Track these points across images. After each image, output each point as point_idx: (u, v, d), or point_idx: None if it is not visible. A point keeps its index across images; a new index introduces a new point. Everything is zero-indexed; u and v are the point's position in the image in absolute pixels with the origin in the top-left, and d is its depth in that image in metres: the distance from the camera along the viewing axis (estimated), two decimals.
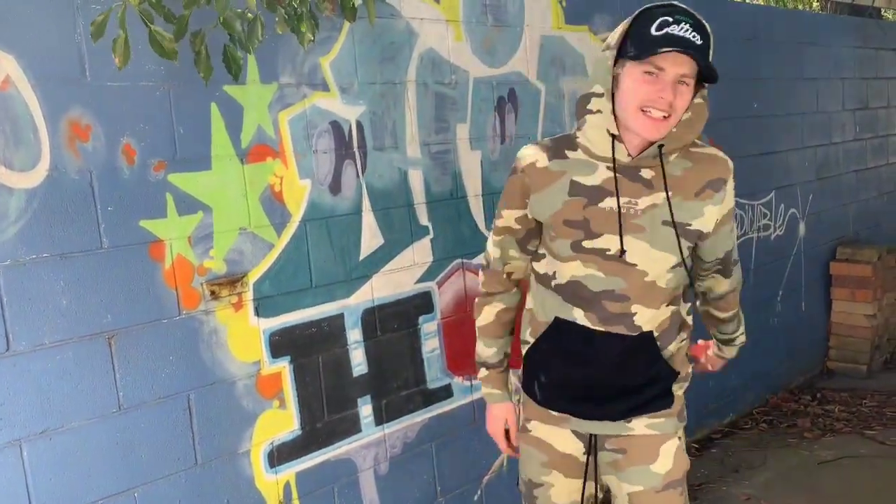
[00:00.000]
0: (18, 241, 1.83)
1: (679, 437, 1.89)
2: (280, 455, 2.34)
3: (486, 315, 1.94)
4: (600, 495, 1.98)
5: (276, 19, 2.05)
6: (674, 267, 1.73)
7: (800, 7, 6.44)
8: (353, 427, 2.52)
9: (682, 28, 1.54)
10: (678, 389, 1.88)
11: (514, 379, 2.02)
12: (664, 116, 1.59)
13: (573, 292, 1.75)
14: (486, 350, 1.95)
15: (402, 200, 2.62)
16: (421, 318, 2.70)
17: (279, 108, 2.30)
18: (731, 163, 1.78)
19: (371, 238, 2.54)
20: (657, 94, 1.57)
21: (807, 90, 4.67)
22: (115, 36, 1.78)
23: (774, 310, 4.48)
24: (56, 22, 1.88)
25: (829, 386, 4.65)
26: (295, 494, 2.38)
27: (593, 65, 1.70)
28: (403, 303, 2.65)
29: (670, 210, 1.68)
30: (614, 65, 1.62)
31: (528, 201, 1.76)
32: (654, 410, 1.83)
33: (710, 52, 1.60)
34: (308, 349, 2.40)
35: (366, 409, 2.55)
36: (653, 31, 1.55)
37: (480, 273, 1.96)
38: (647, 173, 1.69)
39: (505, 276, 1.91)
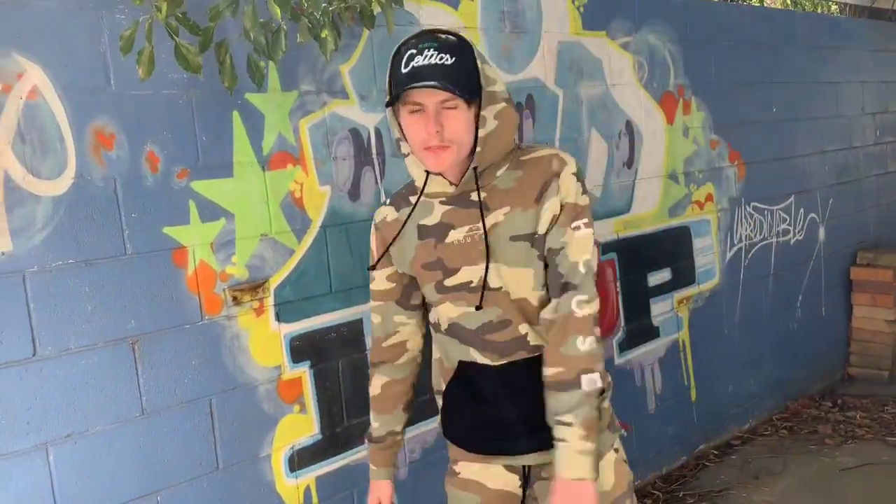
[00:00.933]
0: (45, 247, 1.87)
1: (616, 450, 1.79)
2: (300, 459, 2.36)
3: (374, 386, 1.88)
4: None
5: (299, 29, 2.07)
6: (540, 286, 1.64)
7: (819, 10, 6.40)
8: (359, 437, 2.52)
9: (426, 56, 1.51)
10: (602, 402, 1.71)
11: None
12: (441, 146, 1.55)
13: (457, 335, 1.69)
14: (372, 422, 1.91)
15: None
16: None
17: (300, 116, 2.33)
18: (562, 156, 1.65)
19: None
20: (426, 130, 1.54)
21: (826, 94, 4.64)
22: (140, 48, 1.81)
23: (794, 315, 4.45)
24: (82, 32, 1.92)
25: (851, 392, 4.60)
26: (315, 499, 2.40)
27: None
28: None
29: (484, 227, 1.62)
30: (395, 109, 1.61)
31: (390, 257, 1.75)
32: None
33: (472, 64, 1.55)
34: (328, 354, 2.42)
35: None
36: (402, 68, 1.53)
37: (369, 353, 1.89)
38: (476, 196, 1.63)
39: (389, 345, 1.82)
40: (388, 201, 1.81)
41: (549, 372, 1.61)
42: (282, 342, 2.31)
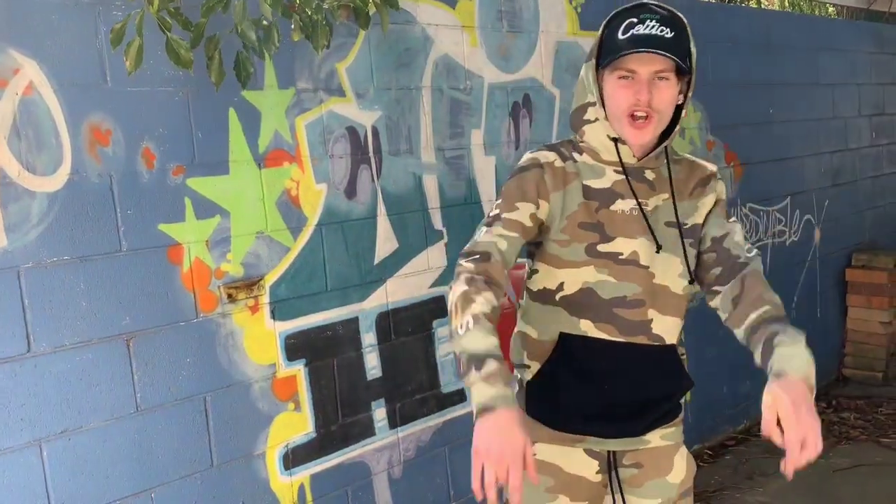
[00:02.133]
0: (40, 243, 1.86)
1: (683, 444, 1.83)
2: (295, 457, 2.36)
3: (486, 302, 1.50)
4: None
5: (292, 26, 2.07)
6: (686, 276, 1.69)
7: (816, 12, 6.42)
8: (367, 430, 2.53)
9: (647, 26, 1.53)
10: (681, 397, 1.80)
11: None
12: (646, 118, 1.57)
13: (583, 302, 1.65)
14: (485, 339, 1.45)
15: (417, 205, 2.64)
16: (435, 323, 2.72)
17: (296, 114, 2.33)
18: (713, 163, 1.82)
19: (386, 242, 2.56)
20: (634, 97, 1.56)
21: (822, 95, 4.65)
22: (130, 40, 1.81)
23: (789, 316, 4.44)
24: (77, 28, 1.91)
25: (845, 393, 4.62)
26: (309, 497, 2.40)
27: (579, 79, 1.70)
28: (418, 307, 2.66)
29: (675, 209, 1.66)
30: (597, 75, 1.63)
31: (545, 202, 1.64)
32: (668, 422, 1.75)
33: (688, 41, 1.59)
34: (323, 352, 2.42)
35: (380, 413, 2.57)
36: (619, 35, 1.55)
37: (468, 263, 1.56)
38: (649, 174, 1.67)
39: (502, 279, 1.57)
40: (546, 149, 1.71)
41: (759, 311, 1.60)
42: (277, 340, 2.31)
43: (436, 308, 2.71)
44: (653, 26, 1.53)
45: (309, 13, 2.05)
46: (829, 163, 4.72)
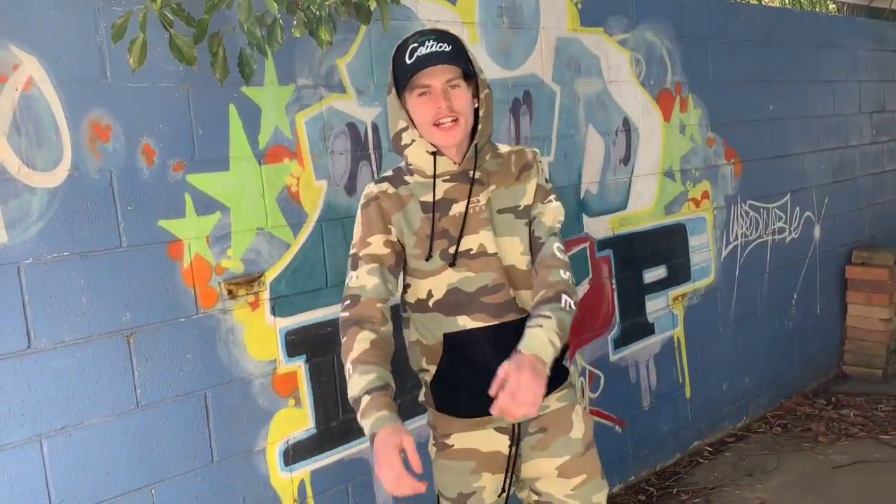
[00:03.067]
0: (40, 239, 1.86)
1: (579, 402, 2.02)
2: (295, 453, 2.36)
3: (361, 342, 1.72)
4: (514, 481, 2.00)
5: (294, 22, 2.07)
6: (527, 251, 1.88)
7: (817, 9, 6.41)
8: (359, 430, 2.53)
9: (427, 46, 1.75)
10: (565, 362, 1.99)
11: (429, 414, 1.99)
12: (452, 121, 1.78)
13: (453, 301, 1.84)
14: (364, 377, 1.68)
15: None
16: None
17: (296, 110, 2.32)
18: (533, 149, 1.98)
19: None
20: (436, 107, 1.77)
21: (823, 92, 4.65)
22: (133, 37, 1.80)
23: (789, 313, 4.46)
24: (77, 24, 1.91)
25: (844, 390, 4.62)
26: (309, 493, 2.40)
27: (388, 109, 1.87)
28: None
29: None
30: (400, 100, 1.82)
31: (391, 227, 1.85)
32: (558, 386, 1.94)
33: (465, 52, 1.80)
34: (323, 348, 2.42)
35: None
36: (407, 59, 1.76)
37: (343, 313, 1.79)
38: (477, 174, 1.87)
39: (380, 308, 1.78)
40: (377, 182, 1.91)
41: (535, 298, 1.80)
42: (277, 336, 2.31)
43: None
44: (431, 45, 1.75)
45: (313, 9, 2.05)
46: (830, 160, 4.72)
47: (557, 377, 1.90)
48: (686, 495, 3.41)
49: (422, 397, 1.99)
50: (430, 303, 1.86)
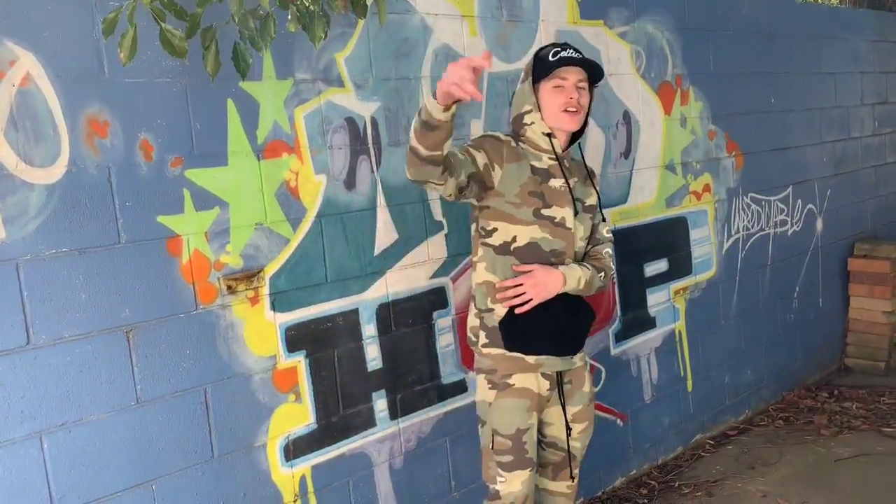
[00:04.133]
0: (38, 236, 1.86)
1: (586, 363, 2.46)
2: (296, 449, 2.36)
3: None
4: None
5: (289, 17, 2.05)
6: (586, 238, 2.36)
7: (818, 0, 6.39)
8: (368, 421, 2.53)
9: (568, 52, 2.26)
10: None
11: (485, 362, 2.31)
12: (575, 111, 2.26)
13: (530, 253, 2.24)
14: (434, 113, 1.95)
15: (417, 196, 2.63)
16: (435, 314, 2.71)
17: (295, 104, 2.32)
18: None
19: (386, 233, 2.55)
20: (567, 97, 2.25)
21: (825, 84, 4.63)
22: (124, 31, 1.79)
23: (791, 306, 4.45)
24: (74, 19, 1.90)
25: (847, 383, 4.61)
26: (310, 488, 2.40)
27: (517, 94, 2.33)
28: (418, 298, 2.66)
29: (572, 190, 2.33)
30: (533, 89, 2.28)
31: (500, 167, 2.21)
32: (580, 347, 2.39)
33: (596, 64, 2.29)
34: (323, 344, 2.42)
35: (381, 404, 2.57)
36: (550, 58, 2.25)
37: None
38: (567, 163, 2.35)
39: (456, 159, 2.09)
40: (499, 132, 2.32)
41: (587, 259, 2.39)
42: (277, 331, 2.31)
43: (436, 299, 2.71)
44: (571, 51, 2.27)
45: (306, 4, 2.03)
46: (832, 152, 4.71)
47: (585, 337, 2.39)
48: (688, 489, 3.41)
49: (483, 339, 2.29)
50: (512, 247, 2.24)
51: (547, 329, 2.26)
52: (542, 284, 2.21)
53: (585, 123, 2.34)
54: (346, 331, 2.47)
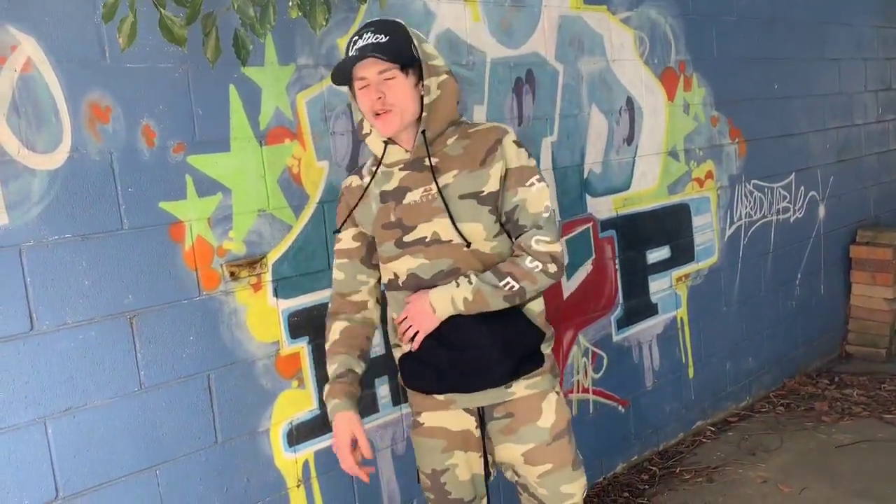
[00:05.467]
0: (41, 222, 1.86)
1: (556, 392, 2.02)
2: (299, 434, 2.37)
3: (332, 331, 2.03)
4: (490, 461, 2.08)
5: (290, 4, 2.04)
6: (494, 235, 1.89)
7: None
8: (370, 407, 2.54)
9: (364, 38, 1.79)
10: (546, 348, 2.00)
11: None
12: (385, 112, 1.82)
13: (413, 284, 1.92)
14: (330, 368, 2.01)
15: None
16: None
17: (297, 90, 2.31)
18: (506, 126, 1.93)
19: None
20: (370, 100, 1.82)
21: (828, 71, 4.61)
22: (123, 17, 1.78)
23: (793, 293, 4.45)
24: (75, 3, 1.89)
25: (848, 370, 4.62)
26: (314, 473, 2.41)
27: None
28: None
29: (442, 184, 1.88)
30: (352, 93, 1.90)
31: (355, 217, 1.97)
32: (528, 372, 1.95)
33: (406, 40, 1.82)
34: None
35: (383, 390, 2.57)
36: (348, 53, 1.83)
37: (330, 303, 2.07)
38: (432, 160, 1.88)
39: (350, 300, 2.02)
40: (352, 173, 2.05)
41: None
42: (280, 318, 2.31)
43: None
44: (368, 37, 1.79)
45: None
46: (835, 139, 4.69)
47: (531, 362, 1.94)
48: (689, 474, 3.42)
49: (399, 375, 2.06)
50: (399, 282, 1.95)
51: (432, 363, 1.91)
52: (416, 313, 1.88)
53: (426, 106, 1.84)
54: None
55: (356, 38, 1.82)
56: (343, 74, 1.84)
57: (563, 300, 3.11)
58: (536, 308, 1.99)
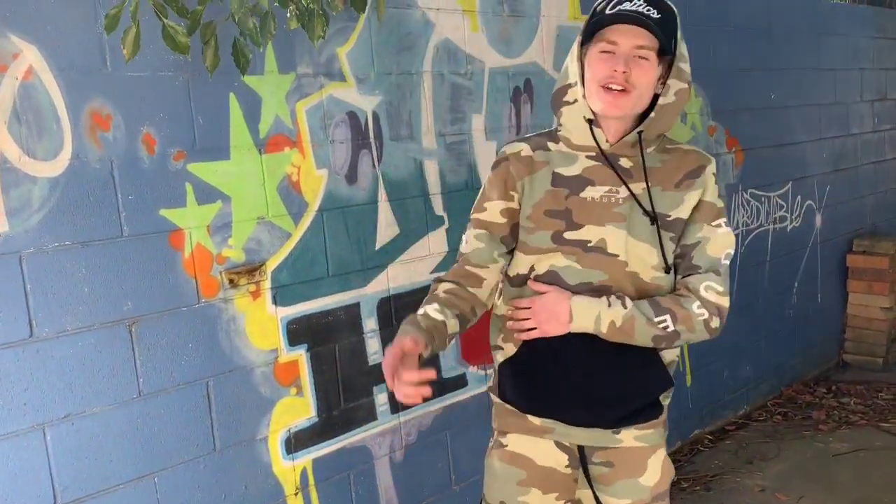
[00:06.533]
0: (41, 229, 1.86)
1: (663, 448, 1.80)
2: (297, 442, 2.37)
3: (433, 291, 1.73)
4: None
5: (288, 15, 2.06)
6: (661, 267, 1.64)
7: None
8: (369, 415, 2.54)
9: (634, 4, 1.53)
10: (665, 399, 1.76)
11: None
12: (621, 90, 1.56)
13: (550, 284, 1.66)
14: (421, 309, 1.70)
15: (418, 190, 2.64)
16: None
17: (297, 99, 2.32)
18: (710, 156, 1.72)
19: (387, 228, 2.56)
20: (611, 69, 1.55)
21: (824, 80, 4.63)
22: (126, 27, 1.80)
23: (790, 302, 4.46)
24: (77, 12, 1.90)
25: (845, 378, 4.63)
26: (311, 481, 2.41)
27: (566, 61, 1.69)
28: (419, 292, 2.66)
29: (650, 199, 1.63)
30: (580, 53, 1.63)
31: (514, 192, 1.69)
32: (643, 421, 1.71)
33: (675, 25, 1.58)
34: (325, 337, 2.42)
35: (381, 398, 2.58)
36: (606, 10, 1.56)
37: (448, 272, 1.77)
38: (626, 162, 1.65)
39: (473, 273, 1.71)
40: (520, 139, 1.75)
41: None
42: (278, 325, 2.32)
43: None
44: (639, 4, 1.53)
45: (305, 2, 2.04)
46: (831, 148, 4.71)
47: (643, 412, 1.70)
48: (686, 483, 3.42)
49: (490, 382, 1.83)
50: (532, 278, 1.68)
51: (550, 380, 1.67)
52: (547, 310, 1.61)
53: (656, 108, 1.62)
54: (348, 325, 2.48)
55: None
56: (590, 29, 1.58)
57: None
58: (670, 356, 1.74)
